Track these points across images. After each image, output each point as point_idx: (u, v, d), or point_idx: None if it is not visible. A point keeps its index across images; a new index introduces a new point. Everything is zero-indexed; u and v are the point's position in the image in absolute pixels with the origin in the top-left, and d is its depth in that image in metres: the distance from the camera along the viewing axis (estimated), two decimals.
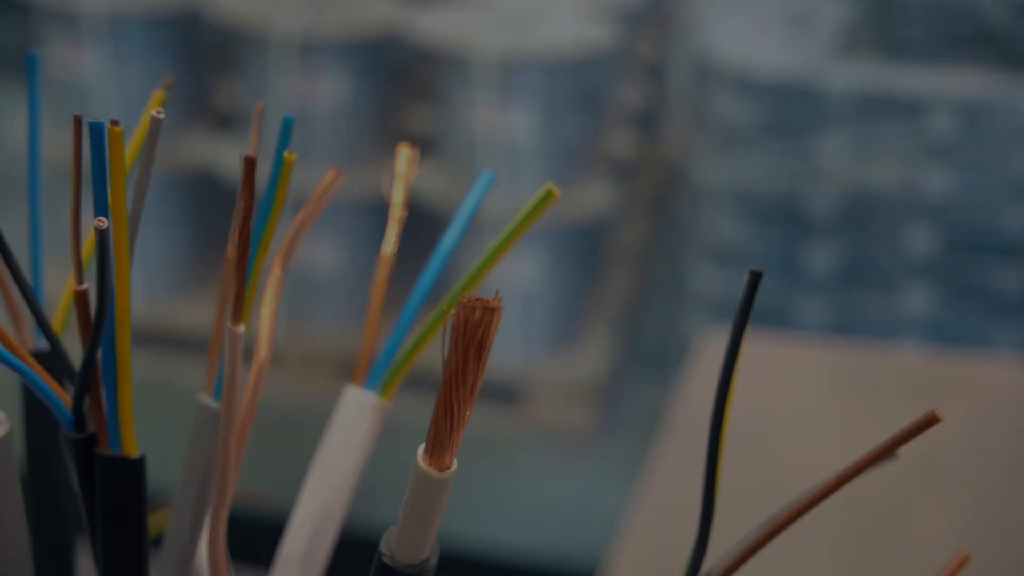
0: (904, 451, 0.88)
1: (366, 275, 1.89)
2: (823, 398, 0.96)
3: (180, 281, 1.88)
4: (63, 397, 0.29)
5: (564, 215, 1.65)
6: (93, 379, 0.29)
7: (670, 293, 1.76)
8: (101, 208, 0.27)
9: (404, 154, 0.36)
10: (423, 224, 1.86)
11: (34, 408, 0.34)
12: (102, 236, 0.26)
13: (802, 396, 0.94)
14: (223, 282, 0.33)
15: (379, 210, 1.78)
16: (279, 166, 0.31)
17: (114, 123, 0.27)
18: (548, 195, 0.32)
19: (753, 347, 1.08)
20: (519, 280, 1.71)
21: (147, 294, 1.92)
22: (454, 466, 0.25)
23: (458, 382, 0.24)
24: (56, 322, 0.36)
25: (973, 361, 1.14)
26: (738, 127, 1.62)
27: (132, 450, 0.29)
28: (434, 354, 0.25)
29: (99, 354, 0.29)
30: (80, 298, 0.28)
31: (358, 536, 0.42)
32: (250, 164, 0.27)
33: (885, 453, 0.28)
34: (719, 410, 0.30)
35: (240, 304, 0.28)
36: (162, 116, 0.28)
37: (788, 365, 0.98)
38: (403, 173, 0.35)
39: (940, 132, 1.56)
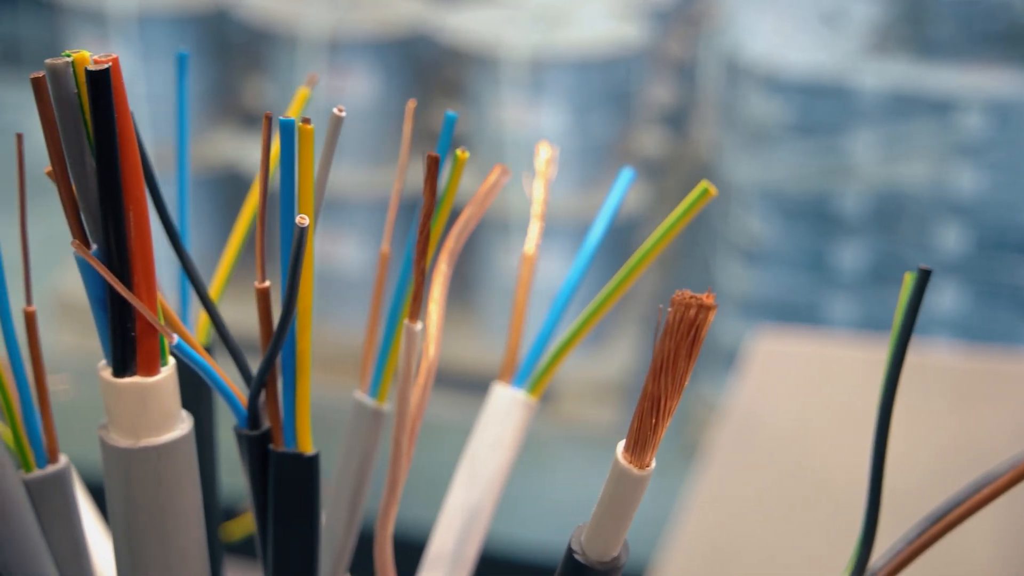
0: (946, 450, 0.88)
1: (393, 273, 1.89)
2: (871, 396, 0.96)
3: (205, 280, 1.88)
4: (237, 393, 0.29)
5: (592, 213, 1.65)
6: (270, 376, 0.29)
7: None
8: (289, 206, 0.27)
9: (543, 152, 0.36)
10: (452, 222, 1.86)
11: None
12: (301, 234, 0.26)
13: (848, 394, 0.94)
14: (377, 280, 0.33)
15: (407, 208, 1.77)
16: (441, 163, 0.31)
17: (305, 121, 0.27)
18: (705, 193, 0.32)
19: (798, 346, 1.07)
20: (546, 278, 1.71)
21: (175, 292, 1.92)
22: (653, 464, 0.25)
23: (667, 378, 0.24)
24: (200, 323, 0.36)
25: (1009, 359, 1.14)
26: (768, 125, 1.62)
27: (308, 447, 0.29)
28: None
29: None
30: (262, 296, 0.28)
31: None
32: (433, 162, 0.27)
33: None
34: (887, 408, 0.30)
35: (418, 302, 0.28)
36: (344, 114, 0.28)
37: (835, 363, 0.98)
38: (543, 171, 0.35)
39: (971, 131, 1.56)
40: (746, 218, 1.66)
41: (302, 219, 0.26)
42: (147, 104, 1.78)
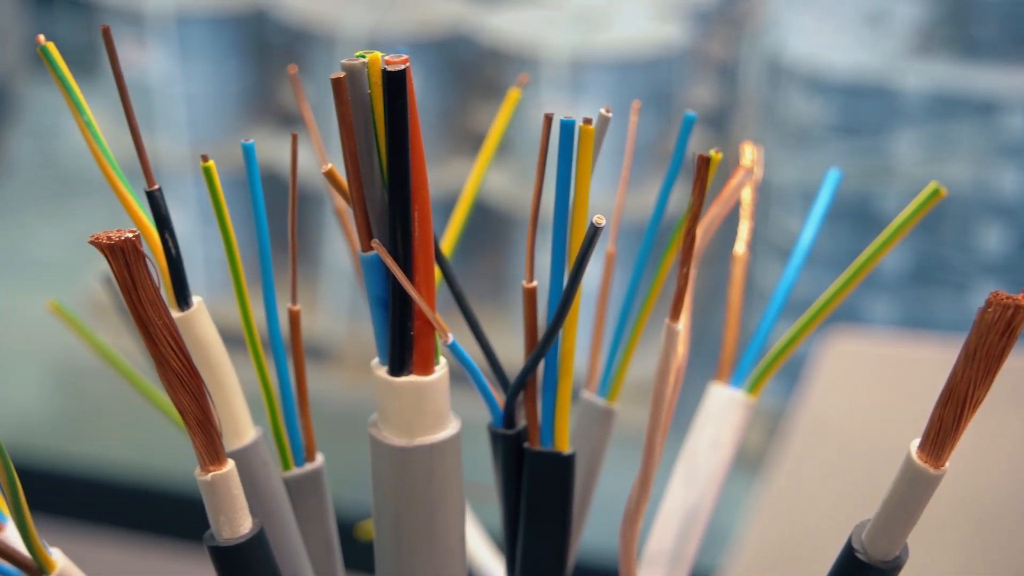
0: (1013, 450, 0.87)
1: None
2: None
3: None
4: (495, 393, 0.29)
5: (631, 213, 1.65)
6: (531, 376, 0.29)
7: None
8: (564, 205, 0.27)
9: (749, 152, 0.36)
10: (490, 223, 1.86)
11: None
12: (595, 233, 0.26)
13: (922, 396, 0.94)
14: (603, 281, 0.33)
15: (445, 208, 1.77)
16: (677, 162, 0.31)
17: (587, 121, 0.27)
18: (935, 193, 0.32)
19: (870, 347, 1.07)
20: (585, 278, 1.71)
21: (209, 293, 1.92)
22: (948, 464, 0.26)
23: (978, 377, 0.24)
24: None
25: None
26: (810, 126, 1.62)
27: (565, 446, 0.29)
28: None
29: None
30: (529, 296, 0.28)
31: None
32: (703, 163, 0.28)
33: None
34: None
35: (681, 302, 0.28)
36: (610, 115, 0.28)
37: (909, 364, 0.98)
38: (751, 170, 0.36)
39: (1014, 132, 1.56)
40: (787, 218, 1.66)
41: (599, 219, 0.26)
42: (185, 104, 1.78)
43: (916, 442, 0.26)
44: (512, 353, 0.31)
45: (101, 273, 0.37)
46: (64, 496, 1.56)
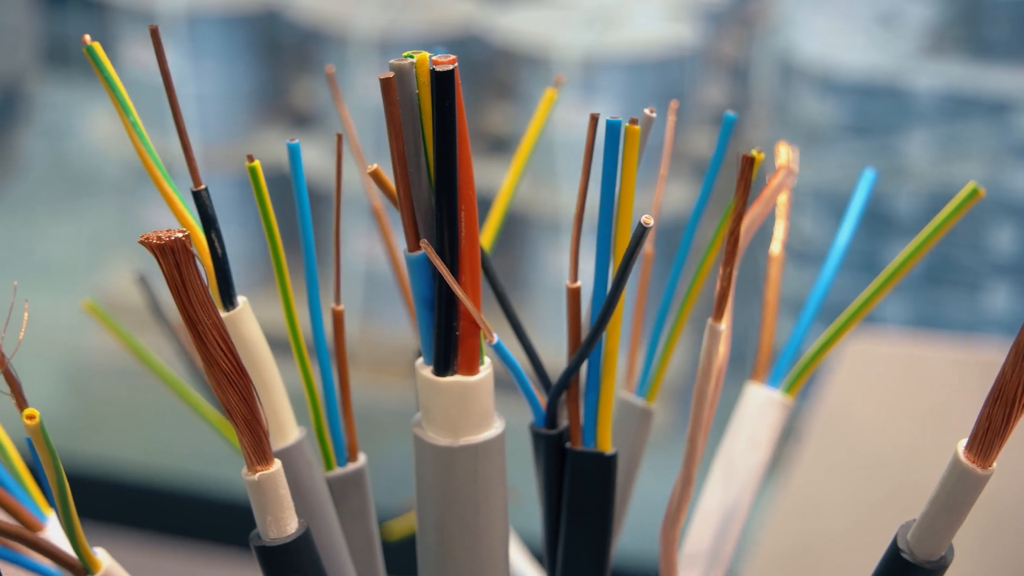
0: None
1: None
2: (963, 398, 0.96)
3: (254, 280, 1.88)
4: (537, 393, 0.29)
5: (643, 214, 1.65)
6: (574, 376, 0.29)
7: (750, 292, 1.76)
8: (608, 203, 0.27)
9: (783, 152, 0.36)
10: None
11: None
12: (643, 233, 0.26)
13: (942, 396, 0.94)
14: (641, 281, 0.33)
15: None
16: (717, 161, 0.31)
17: (633, 121, 0.27)
18: (974, 193, 0.32)
19: (888, 347, 1.07)
20: (589, 279, 1.70)
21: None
22: (995, 464, 0.26)
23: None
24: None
25: None
26: (822, 126, 1.62)
27: (607, 446, 0.29)
28: None
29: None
30: (573, 296, 0.28)
31: None
32: (747, 163, 0.28)
33: None
34: None
35: (724, 302, 0.28)
36: (654, 115, 0.28)
37: (927, 365, 0.98)
38: (791, 169, 0.36)
39: None
40: (798, 219, 1.66)
41: (647, 219, 0.26)
42: (196, 104, 1.78)
43: (963, 442, 0.26)
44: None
45: (135, 272, 0.37)
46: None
